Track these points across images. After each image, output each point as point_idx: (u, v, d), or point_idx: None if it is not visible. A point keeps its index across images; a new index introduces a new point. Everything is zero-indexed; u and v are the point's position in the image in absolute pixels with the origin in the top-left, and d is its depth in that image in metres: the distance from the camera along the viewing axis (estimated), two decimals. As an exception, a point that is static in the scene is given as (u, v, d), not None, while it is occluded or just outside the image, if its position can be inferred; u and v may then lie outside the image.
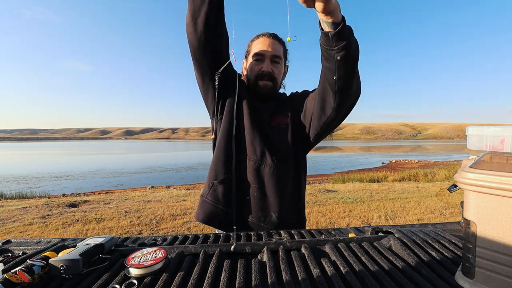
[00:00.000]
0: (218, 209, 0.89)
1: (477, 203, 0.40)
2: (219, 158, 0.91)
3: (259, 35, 0.98)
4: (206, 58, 0.84)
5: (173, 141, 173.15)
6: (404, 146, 60.62)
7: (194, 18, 0.76)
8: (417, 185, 7.83)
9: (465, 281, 0.42)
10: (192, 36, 0.79)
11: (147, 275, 0.46)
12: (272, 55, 0.95)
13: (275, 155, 0.91)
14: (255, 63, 0.96)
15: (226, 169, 0.90)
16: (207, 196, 0.91)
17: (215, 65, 0.85)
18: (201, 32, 0.77)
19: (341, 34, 0.67)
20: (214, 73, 0.86)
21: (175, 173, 13.93)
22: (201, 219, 0.91)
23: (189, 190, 7.63)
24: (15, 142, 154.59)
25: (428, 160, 20.27)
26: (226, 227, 0.90)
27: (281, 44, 0.99)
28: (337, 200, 5.42)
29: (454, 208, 4.58)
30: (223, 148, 0.91)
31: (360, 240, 0.63)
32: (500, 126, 0.42)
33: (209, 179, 0.93)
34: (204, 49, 0.81)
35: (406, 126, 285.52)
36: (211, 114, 0.99)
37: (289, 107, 1.01)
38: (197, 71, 0.88)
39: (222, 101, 0.95)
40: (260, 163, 0.90)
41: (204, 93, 0.94)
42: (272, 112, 0.99)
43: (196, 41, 0.79)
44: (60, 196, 7.55)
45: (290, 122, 0.97)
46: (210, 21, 0.76)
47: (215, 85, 0.89)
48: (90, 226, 3.89)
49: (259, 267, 0.50)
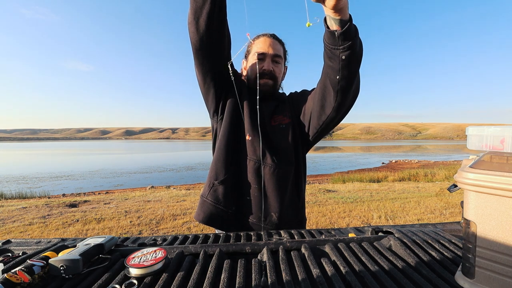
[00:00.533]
0: (218, 209, 0.89)
1: (477, 203, 0.40)
2: (219, 158, 0.91)
3: (259, 35, 0.99)
4: (207, 58, 0.84)
5: (173, 141, 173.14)
6: (404, 146, 60.61)
7: (196, 17, 0.76)
8: (417, 185, 7.83)
9: (465, 281, 0.42)
10: (194, 35, 0.79)
11: (147, 275, 0.46)
12: (273, 54, 0.96)
13: (275, 155, 0.91)
14: (256, 62, 0.96)
15: (226, 169, 0.90)
16: (207, 197, 0.91)
17: (216, 64, 0.85)
18: (203, 32, 0.77)
19: (347, 33, 0.66)
20: (217, 72, 0.85)
21: (175, 173, 13.92)
22: (201, 220, 0.90)
23: (189, 190, 7.63)
24: (15, 142, 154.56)
25: (428, 160, 20.27)
26: (226, 227, 0.90)
27: (281, 44, 1.00)
28: (337, 200, 5.41)
29: (454, 208, 4.58)
30: (224, 148, 0.91)
31: (360, 240, 0.63)
32: (500, 126, 0.42)
33: (209, 179, 0.93)
34: (206, 49, 0.81)
35: (406, 126, 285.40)
36: (211, 114, 0.99)
37: (288, 106, 1.01)
38: (198, 71, 0.88)
39: (223, 101, 0.95)
40: (260, 163, 0.90)
41: (205, 93, 0.94)
42: (272, 111, 0.99)
43: (198, 41, 0.79)
44: (60, 196, 7.55)
45: (290, 121, 0.97)
46: (212, 21, 0.76)
47: (216, 85, 0.89)
48: (90, 226, 3.89)
49: (259, 267, 0.50)
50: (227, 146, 0.91)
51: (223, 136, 0.92)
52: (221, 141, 0.92)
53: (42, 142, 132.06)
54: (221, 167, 0.90)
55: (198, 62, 0.85)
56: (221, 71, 0.87)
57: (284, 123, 0.97)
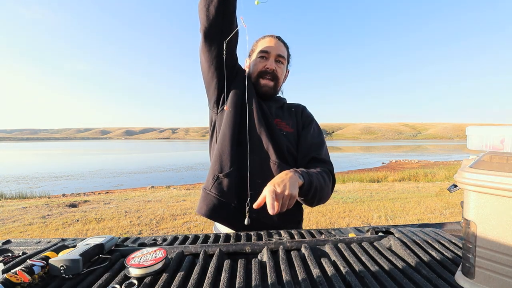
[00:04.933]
0: (222, 202, 0.87)
1: (477, 203, 0.40)
2: (224, 151, 0.90)
3: (265, 36, 1.01)
4: (215, 44, 0.85)
5: (173, 141, 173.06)
6: (404, 146, 60.60)
7: (207, 4, 0.79)
8: (417, 185, 7.83)
9: (465, 281, 0.42)
10: (203, 21, 0.81)
11: (147, 275, 0.46)
12: (277, 54, 0.97)
13: (279, 154, 0.92)
14: (260, 60, 0.97)
15: (232, 162, 0.89)
16: (210, 189, 0.89)
17: (222, 52, 0.86)
18: (213, 18, 0.80)
19: (306, 194, 0.79)
20: (222, 60, 0.86)
21: (175, 173, 13.92)
22: (203, 213, 0.88)
23: (189, 190, 7.64)
24: (15, 142, 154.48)
25: (428, 160, 20.27)
26: (229, 221, 0.90)
27: (285, 47, 1.02)
28: (337, 200, 5.42)
29: (454, 208, 4.58)
30: (229, 141, 0.90)
31: (360, 240, 0.63)
32: (500, 126, 0.42)
33: (212, 172, 0.91)
34: (214, 35, 0.83)
35: (406, 126, 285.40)
36: (212, 104, 0.99)
37: (294, 119, 1.03)
38: (204, 57, 0.88)
39: (226, 91, 0.94)
40: (264, 159, 0.90)
41: (208, 81, 0.94)
42: (274, 113, 1.00)
43: (207, 27, 0.81)
44: (60, 196, 7.55)
45: (292, 131, 0.99)
46: (222, 8, 0.79)
47: (220, 74, 0.90)
48: (90, 226, 3.89)
49: (259, 267, 0.50)
50: (232, 139, 0.90)
51: (227, 129, 0.90)
52: (225, 133, 0.91)
53: (42, 142, 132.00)
54: (227, 159, 0.89)
55: (206, 49, 0.86)
56: (227, 59, 0.88)
57: (286, 131, 0.98)
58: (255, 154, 0.91)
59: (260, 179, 0.89)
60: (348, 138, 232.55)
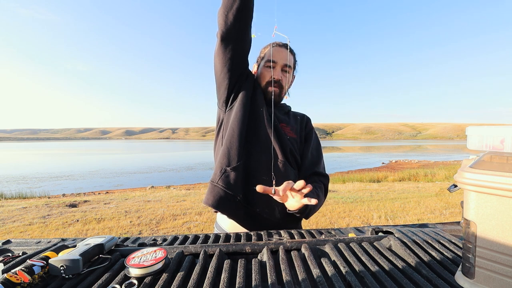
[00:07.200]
0: (228, 194, 0.92)
1: (477, 203, 0.40)
2: (232, 146, 0.95)
3: (273, 44, 1.05)
4: (230, 48, 0.90)
5: (173, 141, 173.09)
6: (404, 146, 60.61)
7: (226, 11, 0.84)
8: (417, 185, 7.83)
9: (465, 281, 0.42)
10: (222, 26, 0.87)
11: (147, 275, 0.46)
12: (283, 64, 1.02)
13: (284, 154, 0.97)
14: (267, 69, 1.03)
15: (239, 157, 0.93)
16: (217, 182, 0.93)
17: (237, 55, 0.92)
18: (231, 24, 0.85)
19: (303, 211, 0.85)
20: (235, 64, 0.92)
21: (175, 173, 13.92)
22: (210, 204, 0.93)
23: (189, 190, 7.64)
24: (15, 142, 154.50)
25: (428, 160, 20.27)
26: (234, 213, 0.93)
27: (292, 54, 1.07)
28: (337, 200, 5.42)
29: (454, 208, 4.58)
30: (238, 137, 0.94)
31: (360, 240, 0.63)
32: (500, 126, 0.42)
33: (220, 165, 0.95)
34: (230, 39, 0.89)
35: (406, 126, 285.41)
36: (221, 103, 1.04)
37: (298, 127, 1.09)
38: (219, 59, 0.93)
39: (234, 93, 0.99)
40: (271, 157, 0.94)
41: (220, 82, 0.98)
42: (279, 117, 1.05)
43: (225, 31, 0.87)
44: (60, 196, 7.55)
45: (296, 137, 1.05)
46: (240, 16, 0.84)
47: (232, 76, 0.95)
48: (90, 226, 3.89)
49: (259, 267, 0.50)
50: (240, 135, 0.94)
51: (236, 126, 0.95)
52: (234, 130, 0.96)
53: (42, 142, 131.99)
54: (235, 154, 0.94)
55: (220, 51, 0.91)
56: (239, 62, 0.94)
57: (289, 136, 1.03)
58: (262, 152, 0.95)
59: (266, 176, 0.93)
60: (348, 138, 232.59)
